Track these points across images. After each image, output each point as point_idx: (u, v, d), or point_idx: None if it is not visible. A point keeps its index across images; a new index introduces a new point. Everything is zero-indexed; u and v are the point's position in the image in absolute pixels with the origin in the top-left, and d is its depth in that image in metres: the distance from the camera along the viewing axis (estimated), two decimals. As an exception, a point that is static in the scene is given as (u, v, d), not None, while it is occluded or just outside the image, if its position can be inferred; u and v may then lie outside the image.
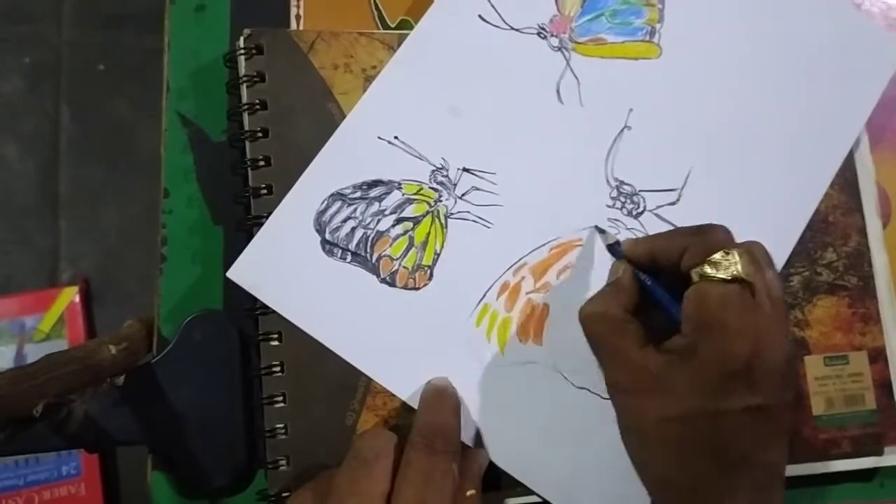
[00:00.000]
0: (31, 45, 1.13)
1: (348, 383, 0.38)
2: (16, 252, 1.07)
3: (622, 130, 0.41)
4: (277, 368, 0.38)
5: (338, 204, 0.38)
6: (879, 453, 0.41)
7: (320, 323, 0.38)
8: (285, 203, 0.38)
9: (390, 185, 0.39)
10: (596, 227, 0.39)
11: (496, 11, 0.41)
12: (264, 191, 0.39)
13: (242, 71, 0.40)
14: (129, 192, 1.10)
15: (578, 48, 0.41)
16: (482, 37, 0.41)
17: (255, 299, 0.38)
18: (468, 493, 0.33)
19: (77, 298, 1.00)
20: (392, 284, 0.38)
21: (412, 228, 0.39)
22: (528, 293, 0.39)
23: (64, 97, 1.12)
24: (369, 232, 0.38)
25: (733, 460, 0.31)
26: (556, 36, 0.41)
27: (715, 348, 0.31)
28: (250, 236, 0.38)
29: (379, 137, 0.39)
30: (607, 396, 0.37)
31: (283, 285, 0.38)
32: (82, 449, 0.38)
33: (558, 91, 0.41)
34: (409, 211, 0.39)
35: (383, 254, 0.38)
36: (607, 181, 0.40)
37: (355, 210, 0.38)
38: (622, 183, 0.40)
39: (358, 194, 0.38)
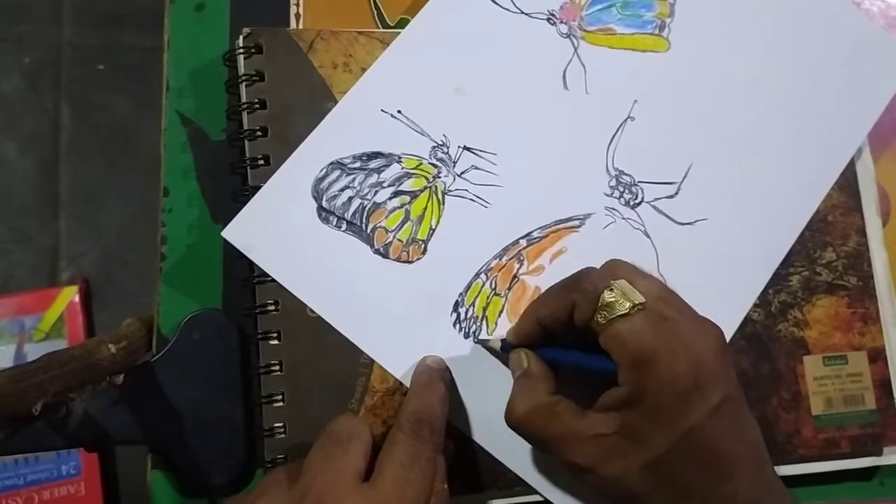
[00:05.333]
0: (31, 44, 1.13)
1: (346, 383, 0.38)
2: (15, 251, 1.08)
3: (625, 121, 0.41)
4: (276, 367, 0.38)
5: (337, 172, 0.38)
6: (879, 453, 0.41)
7: (311, 288, 0.38)
8: (285, 168, 0.38)
9: (390, 158, 0.39)
10: (478, 341, 0.38)
11: None
12: (264, 190, 0.39)
13: (242, 70, 0.40)
14: (128, 192, 1.10)
15: (587, 36, 0.41)
16: (492, 18, 0.41)
17: (254, 298, 0.38)
18: (443, 485, 0.33)
19: (77, 298, 1.00)
20: (385, 256, 0.38)
21: (409, 202, 0.39)
22: (521, 274, 0.39)
23: (64, 96, 1.12)
24: (366, 202, 0.38)
25: (724, 462, 0.31)
26: (565, 23, 0.41)
27: (657, 379, 0.30)
28: (250, 235, 0.38)
29: (382, 110, 0.39)
30: None
31: (276, 249, 0.38)
32: (82, 448, 0.38)
33: (564, 77, 0.41)
34: (408, 185, 0.39)
35: (378, 225, 0.38)
36: (607, 170, 0.40)
37: (354, 180, 0.38)
38: (622, 173, 0.40)
39: (357, 164, 0.39)
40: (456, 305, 0.38)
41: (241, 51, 0.39)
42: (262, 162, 0.39)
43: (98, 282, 1.06)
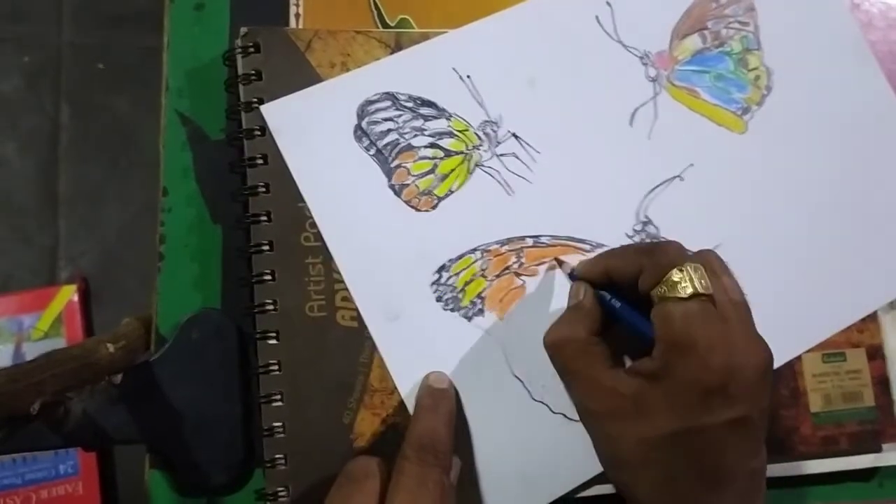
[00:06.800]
0: (30, 44, 1.13)
1: (345, 382, 0.38)
2: (15, 250, 1.08)
3: (674, 178, 0.41)
4: (275, 367, 0.38)
5: (387, 103, 0.40)
6: (878, 450, 0.41)
7: (317, 192, 0.39)
8: (343, 78, 0.40)
9: (441, 113, 0.40)
10: (556, 259, 0.39)
11: (613, 21, 0.42)
12: (262, 189, 0.39)
13: (240, 69, 0.40)
14: (128, 191, 1.10)
15: (671, 90, 0.42)
16: (590, 34, 0.42)
17: (252, 298, 0.38)
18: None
19: (75, 297, 1.00)
20: (397, 194, 0.39)
21: (441, 158, 0.40)
22: (513, 269, 0.39)
23: (63, 96, 1.12)
24: (401, 140, 0.39)
25: (718, 474, 0.31)
26: (655, 68, 0.42)
27: (688, 368, 0.31)
28: (248, 234, 0.38)
29: (454, 69, 0.40)
30: (538, 398, 0.37)
31: (302, 142, 0.39)
32: (80, 447, 0.38)
33: (633, 115, 0.41)
34: (447, 143, 0.40)
35: (403, 164, 0.39)
36: (637, 213, 0.40)
37: (400, 116, 0.40)
38: (650, 222, 0.40)
39: (410, 104, 0.40)
40: (441, 268, 0.39)
41: (240, 50, 0.39)
42: (260, 161, 0.39)
43: (97, 281, 1.06)
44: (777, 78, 0.43)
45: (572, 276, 0.38)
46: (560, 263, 0.39)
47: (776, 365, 0.39)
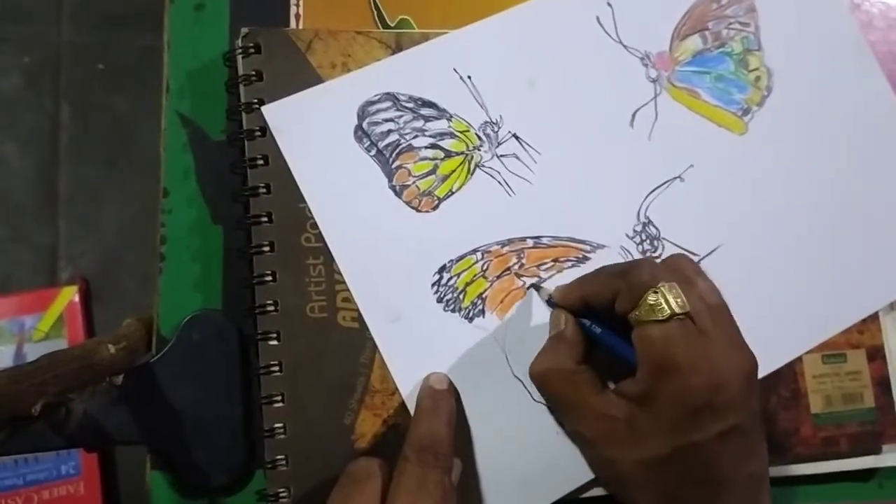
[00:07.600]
0: (30, 44, 1.13)
1: (346, 383, 0.38)
2: (15, 251, 1.08)
3: (674, 179, 0.41)
4: (276, 368, 0.38)
5: (388, 103, 0.40)
6: (878, 451, 0.41)
7: (318, 192, 0.39)
8: (343, 79, 0.40)
9: (442, 113, 0.40)
10: (532, 285, 0.39)
11: (614, 21, 0.42)
12: (263, 190, 0.39)
13: (241, 70, 0.40)
14: (128, 192, 1.10)
15: (671, 90, 0.42)
16: (590, 35, 0.42)
17: (253, 298, 0.38)
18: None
19: (76, 298, 1.00)
20: (398, 195, 0.39)
21: (441, 159, 0.40)
22: (514, 270, 0.39)
23: (63, 96, 1.12)
24: (402, 141, 0.39)
25: (716, 484, 0.31)
26: (656, 69, 0.42)
27: (673, 389, 0.31)
28: (249, 235, 0.38)
29: (455, 69, 0.40)
30: (539, 398, 0.37)
31: (302, 142, 0.39)
32: (81, 448, 0.38)
33: (634, 116, 0.41)
34: (447, 143, 0.40)
35: (404, 165, 0.39)
36: (638, 214, 0.40)
37: (401, 117, 0.40)
38: (651, 223, 0.40)
39: (410, 105, 0.40)
40: (442, 269, 0.39)
41: (240, 51, 0.39)
42: (261, 162, 0.39)
43: (97, 282, 1.06)
44: (777, 79, 0.43)
45: (550, 302, 0.38)
46: (537, 289, 0.39)
47: (776, 367, 0.40)
